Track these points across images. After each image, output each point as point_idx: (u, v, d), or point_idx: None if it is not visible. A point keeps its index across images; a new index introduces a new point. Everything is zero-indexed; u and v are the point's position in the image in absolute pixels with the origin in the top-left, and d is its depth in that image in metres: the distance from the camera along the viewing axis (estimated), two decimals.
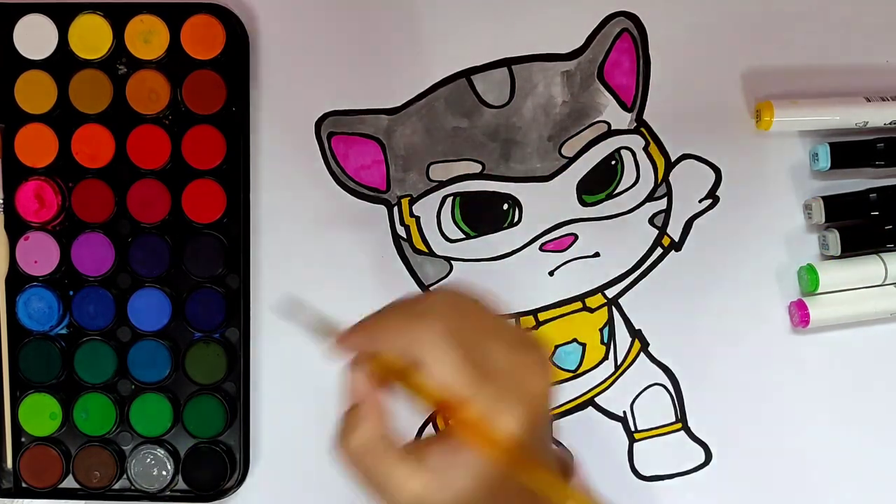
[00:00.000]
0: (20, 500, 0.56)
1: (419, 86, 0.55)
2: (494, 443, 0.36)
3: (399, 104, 0.55)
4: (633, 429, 0.55)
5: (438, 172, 0.55)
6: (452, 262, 0.55)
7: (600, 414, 0.55)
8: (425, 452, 0.38)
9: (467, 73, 0.54)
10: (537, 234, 0.55)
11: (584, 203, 0.55)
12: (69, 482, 0.55)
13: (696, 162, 0.55)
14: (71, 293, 0.54)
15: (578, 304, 0.55)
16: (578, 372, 0.55)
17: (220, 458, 0.54)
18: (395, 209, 0.55)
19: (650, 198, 0.55)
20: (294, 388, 0.55)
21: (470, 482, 0.37)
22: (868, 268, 0.54)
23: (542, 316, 0.55)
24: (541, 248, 0.55)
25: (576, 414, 0.55)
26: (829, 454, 0.55)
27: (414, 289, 0.55)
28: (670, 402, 0.55)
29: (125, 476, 0.55)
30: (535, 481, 0.37)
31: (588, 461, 0.55)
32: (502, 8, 0.54)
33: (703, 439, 0.55)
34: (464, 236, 0.55)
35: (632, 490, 0.55)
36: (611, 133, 0.55)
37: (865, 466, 0.55)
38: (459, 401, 0.37)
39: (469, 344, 0.37)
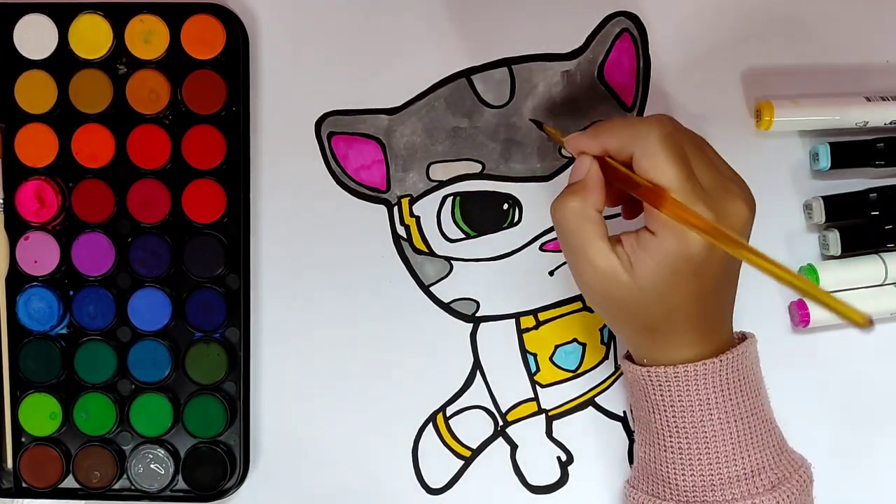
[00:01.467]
0: (20, 500, 0.56)
1: (419, 86, 0.55)
2: (694, 220, 0.41)
3: (399, 104, 0.55)
4: (633, 429, 0.55)
5: (438, 172, 0.55)
6: (452, 261, 0.55)
7: (600, 414, 0.56)
8: (620, 238, 0.45)
9: (467, 73, 0.54)
10: (537, 234, 0.55)
11: None
12: (69, 482, 0.55)
13: None
14: (71, 293, 0.54)
15: (578, 304, 0.55)
16: (578, 372, 0.55)
17: (220, 458, 0.54)
18: (395, 209, 0.55)
19: None
20: (294, 388, 0.55)
21: (652, 267, 0.43)
22: (868, 268, 0.54)
23: (542, 316, 0.55)
24: (541, 248, 0.55)
25: (576, 414, 0.55)
26: (829, 454, 0.55)
27: (414, 289, 0.55)
28: None
29: (125, 476, 0.55)
30: (730, 248, 0.40)
31: (588, 461, 0.56)
32: (502, 8, 0.54)
33: None
34: (464, 236, 0.55)
35: None
36: None
37: (865, 466, 0.55)
38: (664, 190, 0.42)
39: (681, 155, 0.43)
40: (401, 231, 0.55)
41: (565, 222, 0.45)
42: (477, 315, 0.56)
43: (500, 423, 0.56)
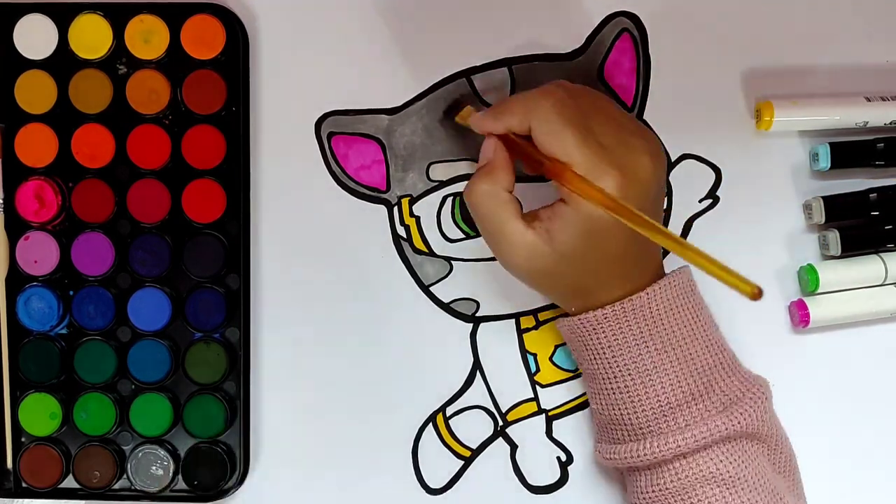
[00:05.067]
0: (20, 500, 0.56)
1: (419, 86, 0.55)
2: (591, 192, 0.43)
3: (399, 104, 0.55)
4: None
5: (438, 172, 0.55)
6: (452, 261, 0.55)
7: None
8: (536, 212, 0.47)
9: (467, 73, 0.54)
10: None
11: None
12: (69, 482, 0.55)
13: (696, 162, 0.55)
14: (71, 293, 0.54)
15: None
16: (578, 372, 0.55)
17: (220, 458, 0.54)
18: (395, 209, 0.55)
19: None
20: (294, 388, 0.55)
21: (569, 234, 0.45)
22: (868, 268, 0.54)
23: (542, 316, 0.55)
24: None
25: (576, 414, 0.55)
26: (829, 454, 0.55)
27: (414, 289, 0.55)
28: None
29: (125, 476, 0.55)
30: (632, 224, 0.42)
31: (588, 461, 0.56)
32: (502, 8, 0.54)
33: None
34: (464, 236, 0.55)
35: None
36: None
37: (865, 466, 0.55)
38: (565, 161, 0.44)
39: (576, 117, 0.45)
40: (401, 231, 0.55)
41: (479, 206, 0.47)
42: (477, 315, 0.56)
43: (500, 423, 0.56)
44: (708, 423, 0.46)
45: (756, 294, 0.39)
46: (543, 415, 0.56)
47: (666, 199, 0.55)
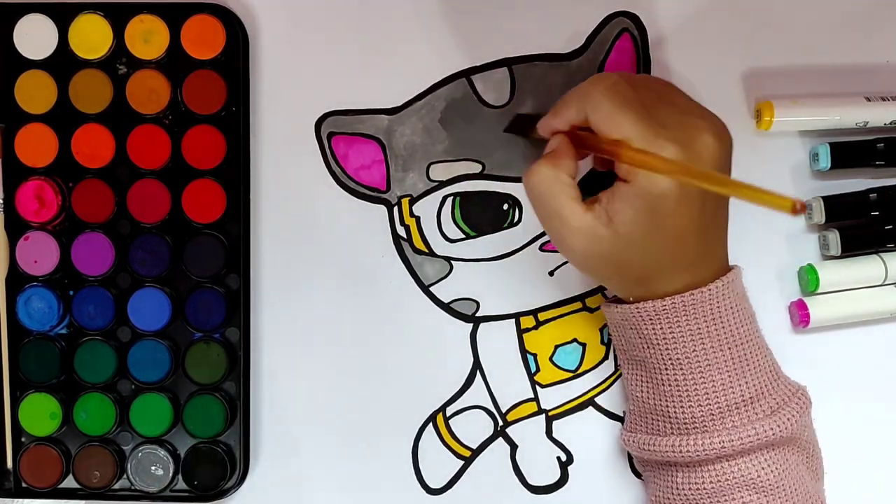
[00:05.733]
0: (20, 500, 0.56)
1: (419, 86, 0.55)
2: (651, 162, 0.42)
3: (399, 104, 0.55)
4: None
5: (438, 172, 0.55)
6: (452, 262, 0.55)
7: (600, 414, 0.56)
8: (597, 196, 0.46)
9: (467, 73, 0.54)
10: (537, 233, 0.55)
11: None
12: (69, 482, 0.55)
13: None
14: (71, 293, 0.54)
15: (578, 304, 0.55)
16: (578, 372, 0.55)
17: (220, 458, 0.54)
18: (395, 209, 0.55)
19: None
20: (294, 388, 0.55)
21: (629, 215, 0.44)
22: (868, 268, 0.54)
23: (542, 316, 0.55)
24: (541, 248, 0.55)
25: (576, 414, 0.55)
26: (829, 454, 0.55)
27: (414, 289, 0.55)
28: None
29: (125, 476, 0.55)
30: (702, 182, 0.40)
31: (588, 461, 0.56)
32: (502, 8, 0.54)
33: None
34: (464, 236, 0.55)
35: (631, 489, 0.55)
36: None
37: (866, 466, 0.55)
38: (624, 141, 0.43)
39: (630, 99, 0.44)
40: (401, 231, 0.55)
41: (539, 188, 0.46)
42: (477, 315, 0.56)
43: (500, 423, 0.56)
44: (756, 426, 0.46)
45: (797, 208, 0.35)
46: (543, 415, 0.56)
47: None
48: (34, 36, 0.53)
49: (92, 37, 0.53)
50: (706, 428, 0.47)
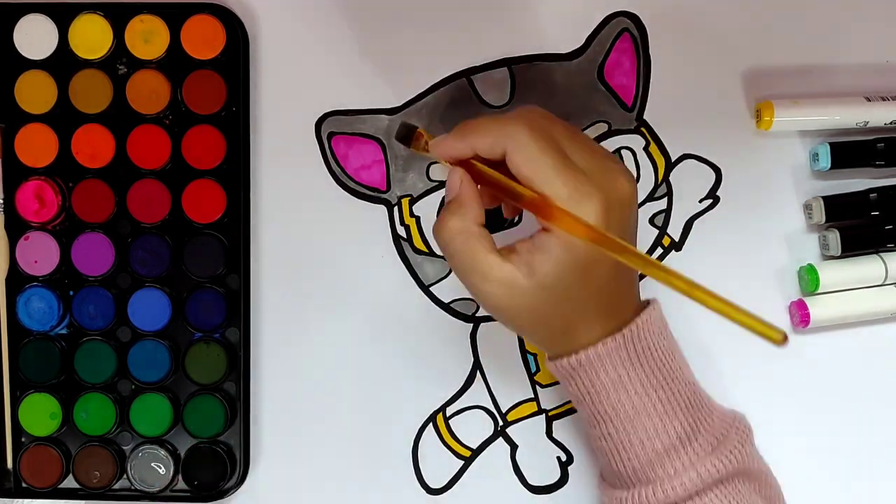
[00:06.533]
0: (20, 500, 0.56)
1: (419, 86, 0.55)
2: (577, 226, 0.41)
3: (399, 104, 0.55)
4: None
5: (438, 172, 0.55)
6: None
7: None
8: (513, 246, 0.44)
9: (467, 73, 0.54)
10: None
11: None
12: (69, 482, 0.55)
13: (696, 162, 0.55)
14: (71, 293, 0.54)
15: None
16: None
17: (220, 458, 0.54)
18: (395, 209, 0.55)
19: (650, 198, 0.55)
20: (294, 388, 0.55)
21: (552, 266, 0.42)
22: (868, 268, 0.54)
23: None
24: None
25: (576, 414, 0.55)
26: (829, 454, 0.55)
27: (414, 289, 0.55)
28: None
29: (125, 476, 0.55)
30: (622, 257, 0.40)
31: (588, 461, 0.56)
32: (502, 8, 0.54)
33: None
34: None
35: None
36: (611, 133, 0.55)
37: (866, 466, 0.55)
38: (543, 189, 0.42)
39: (553, 143, 0.43)
40: (401, 231, 0.55)
41: (450, 246, 0.44)
42: (477, 315, 0.56)
43: (500, 423, 0.56)
44: (698, 467, 0.44)
45: (783, 340, 0.37)
46: (543, 415, 0.56)
47: (667, 199, 0.55)
48: (34, 36, 0.53)
49: (92, 37, 0.53)
50: (649, 478, 0.45)
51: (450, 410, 0.56)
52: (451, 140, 0.45)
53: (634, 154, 0.55)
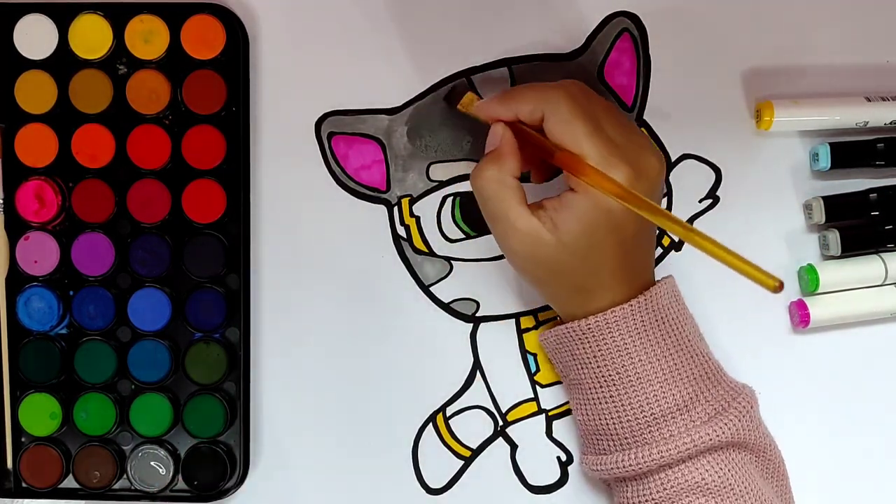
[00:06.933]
0: (20, 500, 0.56)
1: (419, 86, 0.55)
2: (605, 182, 0.43)
3: (399, 104, 0.55)
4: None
5: (438, 172, 0.55)
6: (452, 261, 0.55)
7: None
8: (541, 202, 0.47)
9: (467, 73, 0.54)
10: None
11: None
12: (69, 482, 0.55)
13: (696, 162, 0.55)
14: (71, 293, 0.54)
15: None
16: None
17: (220, 458, 0.54)
18: (395, 209, 0.55)
19: None
20: (294, 388, 0.55)
21: (575, 224, 0.45)
22: (868, 268, 0.54)
23: (542, 316, 0.55)
24: None
25: None
26: (829, 454, 0.55)
27: (414, 289, 0.55)
28: None
29: (125, 476, 0.55)
30: (647, 213, 0.42)
31: None
32: (502, 8, 0.54)
33: None
34: (464, 236, 0.55)
35: None
36: None
37: (866, 466, 0.55)
38: (578, 152, 0.45)
39: (589, 113, 0.46)
40: (401, 231, 0.55)
41: (484, 191, 0.47)
42: (477, 315, 0.56)
43: (500, 423, 0.56)
44: (692, 433, 0.46)
45: (777, 287, 0.39)
46: (543, 415, 0.56)
47: (667, 199, 0.55)
48: (34, 36, 0.53)
49: (92, 37, 0.53)
50: (644, 440, 0.47)
51: (450, 410, 0.56)
52: (494, 103, 0.48)
53: None
